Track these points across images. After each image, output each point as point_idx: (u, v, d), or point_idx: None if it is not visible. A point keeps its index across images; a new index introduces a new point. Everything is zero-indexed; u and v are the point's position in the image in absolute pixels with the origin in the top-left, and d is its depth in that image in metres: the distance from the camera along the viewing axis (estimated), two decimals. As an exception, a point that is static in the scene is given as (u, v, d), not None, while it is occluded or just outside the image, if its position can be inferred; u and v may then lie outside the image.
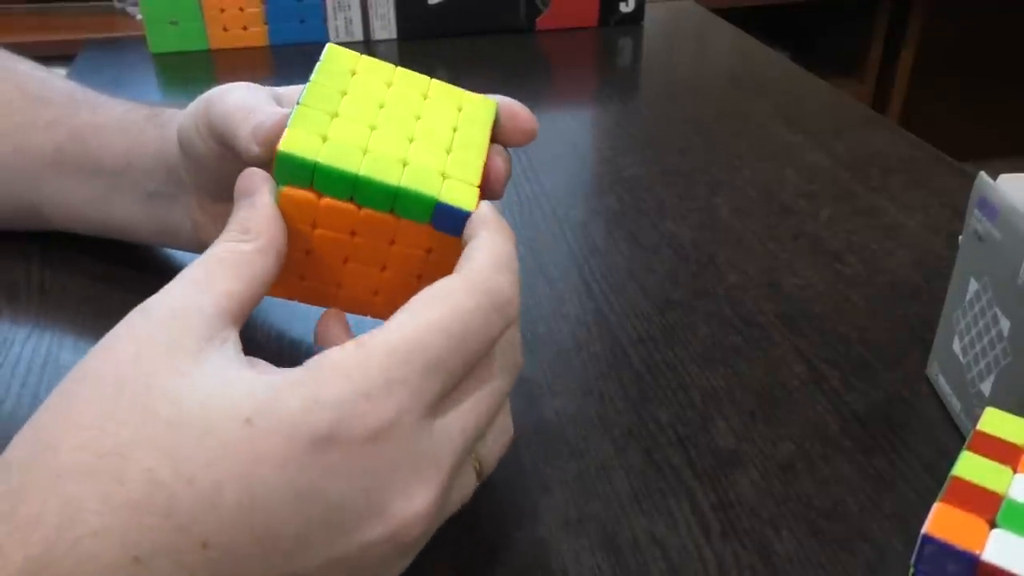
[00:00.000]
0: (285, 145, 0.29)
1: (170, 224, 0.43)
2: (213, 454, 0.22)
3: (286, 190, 0.29)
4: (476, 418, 0.26)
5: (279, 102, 0.34)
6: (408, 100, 0.32)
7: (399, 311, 0.25)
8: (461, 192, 0.30)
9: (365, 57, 0.33)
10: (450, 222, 0.30)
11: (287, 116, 0.30)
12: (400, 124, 0.31)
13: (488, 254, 0.27)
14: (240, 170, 0.36)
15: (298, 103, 0.30)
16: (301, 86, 0.34)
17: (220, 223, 0.40)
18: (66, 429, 0.23)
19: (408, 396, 0.24)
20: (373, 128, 0.30)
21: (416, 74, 0.33)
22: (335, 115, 0.30)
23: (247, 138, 0.31)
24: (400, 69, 0.33)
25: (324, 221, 0.30)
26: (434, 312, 0.25)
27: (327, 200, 0.29)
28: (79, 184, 0.45)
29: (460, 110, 0.33)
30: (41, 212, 0.47)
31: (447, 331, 0.25)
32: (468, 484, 0.28)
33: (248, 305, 0.27)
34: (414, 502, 0.24)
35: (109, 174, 0.44)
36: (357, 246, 0.31)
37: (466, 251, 0.28)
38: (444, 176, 0.30)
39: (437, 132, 0.31)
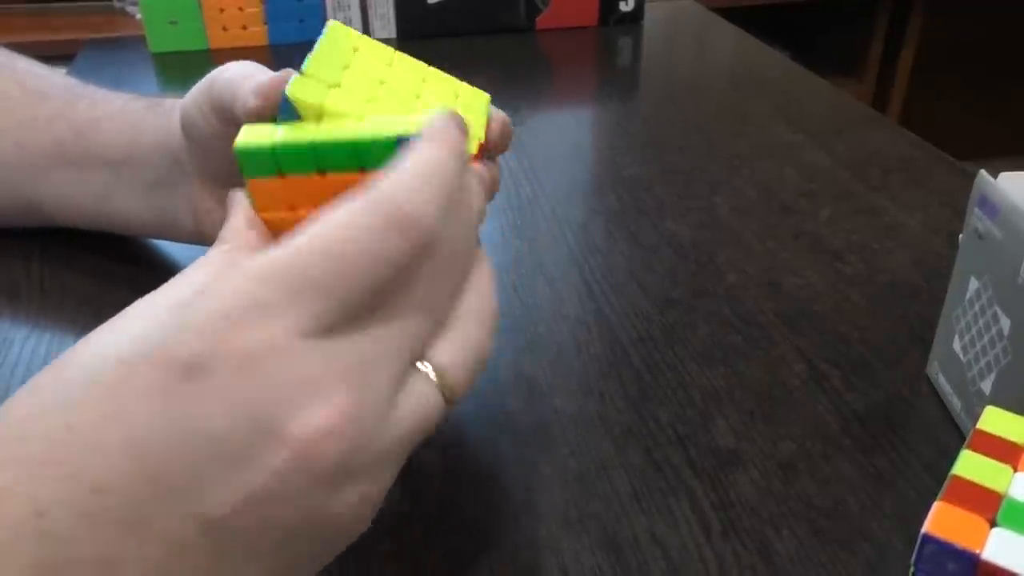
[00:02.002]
0: (242, 138, 0.28)
1: (171, 214, 0.43)
2: (93, 399, 0.22)
3: (252, 182, 0.29)
4: (388, 334, 0.24)
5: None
6: (407, 81, 0.32)
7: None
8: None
9: (366, 37, 0.33)
10: None
11: (286, 74, 0.31)
12: (399, 100, 0.31)
13: (406, 168, 0.25)
14: None
15: (301, 72, 0.30)
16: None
17: (222, 210, 0.41)
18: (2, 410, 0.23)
19: (278, 319, 0.22)
20: (370, 101, 0.31)
21: (415, 60, 0.34)
22: (336, 86, 0.30)
23: (245, 94, 0.32)
24: (399, 53, 0.33)
25: (299, 200, 0.29)
26: (318, 230, 0.23)
27: (292, 177, 0.28)
28: (80, 178, 0.45)
29: (457, 97, 0.33)
30: (42, 208, 0.47)
31: (328, 251, 0.23)
32: (422, 398, 0.25)
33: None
34: (312, 419, 0.22)
35: (110, 166, 0.44)
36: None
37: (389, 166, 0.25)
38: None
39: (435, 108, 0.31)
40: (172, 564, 0.22)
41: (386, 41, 0.36)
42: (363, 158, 0.27)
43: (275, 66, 0.35)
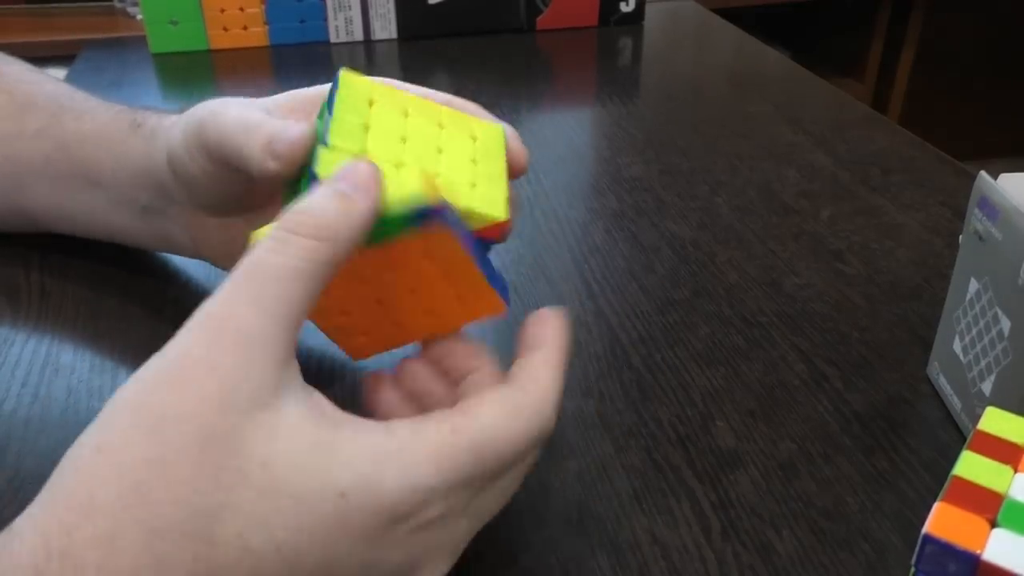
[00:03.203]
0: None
1: (168, 236, 0.43)
2: (304, 523, 0.23)
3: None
4: (486, 514, 0.29)
5: (270, 115, 0.33)
6: (427, 133, 0.31)
7: (481, 403, 0.27)
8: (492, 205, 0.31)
9: (378, 84, 0.32)
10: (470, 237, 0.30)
11: (304, 131, 0.30)
12: (425, 159, 0.30)
13: (548, 388, 0.29)
14: (239, 186, 0.36)
15: (324, 143, 0.29)
16: (287, 94, 0.34)
17: (217, 236, 0.40)
18: (159, 480, 0.22)
19: (466, 495, 0.26)
20: (399, 166, 0.30)
21: (429, 102, 0.33)
22: (363, 152, 0.29)
23: (261, 154, 0.31)
24: (413, 97, 0.32)
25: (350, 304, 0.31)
26: (499, 428, 0.27)
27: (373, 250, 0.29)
28: (74, 194, 0.44)
29: (475, 140, 0.32)
30: (36, 218, 0.47)
31: (504, 452, 0.27)
32: None
33: (304, 312, 0.26)
34: (435, 573, 0.27)
35: (100, 186, 0.43)
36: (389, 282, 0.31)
37: (531, 365, 0.29)
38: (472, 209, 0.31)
39: (460, 165, 0.31)
40: None
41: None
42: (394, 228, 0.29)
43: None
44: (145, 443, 0.23)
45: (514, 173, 0.33)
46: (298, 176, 0.31)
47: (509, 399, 0.28)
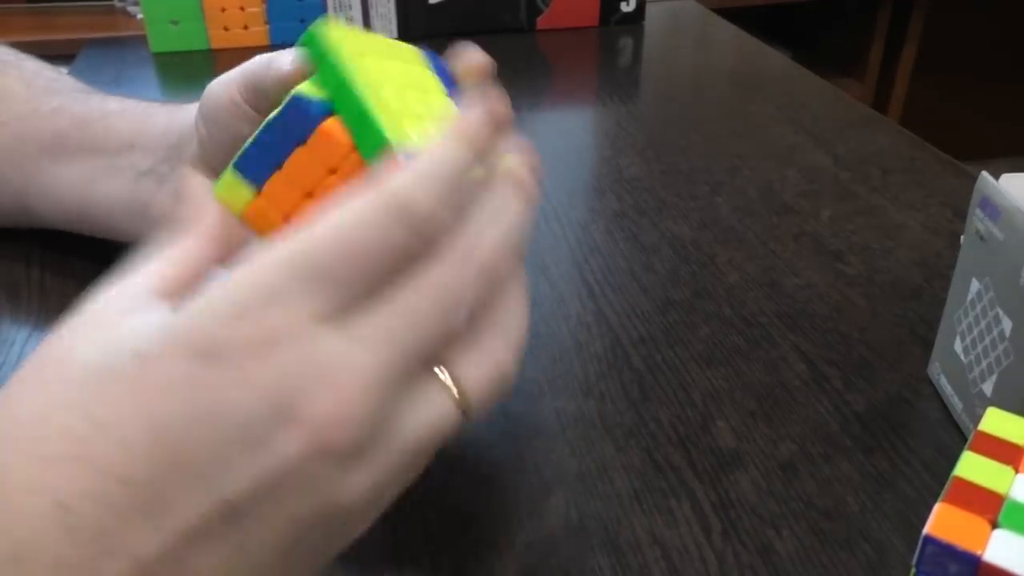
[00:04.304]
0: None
1: (151, 207, 0.43)
2: (113, 394, 0.23)
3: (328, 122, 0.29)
4: (402, 323, 0.24)
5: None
6: (407, 75, 0.32)
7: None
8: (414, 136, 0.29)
9: (348, 32, 0.31)
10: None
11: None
12: (423, 105, 0.31)
13: (414, 164, 0.25)
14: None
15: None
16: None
17: None
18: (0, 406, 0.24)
19: (292, 305, 0.23)
20: (420, 118, 0.30)
21: (379, 38, 0.33)
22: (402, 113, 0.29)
23: (281, 60, 0.33)
24: (371, 36, 0.32)
25: (343, 168, 0.29)
26: (324, 220, 0.24)
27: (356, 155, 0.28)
28: (69, 168, 0.45)
29: (424, 68, 0.33)
30: (27, 202, 0.47)
31: (334, 239, 0.24)
32: (435, 403, 0.25)
33: (181, 282, 0.26)
34: (325, 404, 0.23)
35: (106, 155, 0.44)
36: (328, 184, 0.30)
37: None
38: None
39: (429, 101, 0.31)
40: (196, 556, 0.22)
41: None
42: (363, 136, 0.28)
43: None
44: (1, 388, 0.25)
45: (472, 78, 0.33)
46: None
47: (333, 203, 0.25)
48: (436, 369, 0.26)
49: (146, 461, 0.22)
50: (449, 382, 0.26)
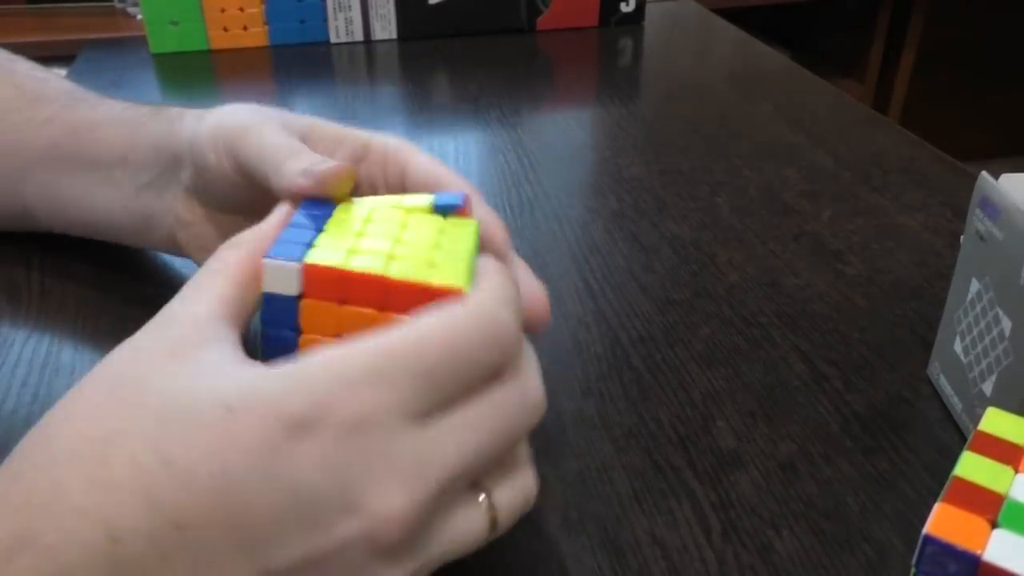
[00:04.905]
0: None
1: (151, 219, 0.43)
2: (192, 439, 0.22)
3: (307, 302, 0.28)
4: (472, 438, 0.25)
5: (304, 139, 0.34)
6: (390, 226, 0.30)
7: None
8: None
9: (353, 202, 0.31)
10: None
11: (338, 167, 0.30)
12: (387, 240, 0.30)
13: (491, 288, 0.27)
14: (249, 192, 0.36)
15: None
16: (308, 121, 0.34)
17: (200, 225, 0.41)
18: (62, 420, 0.24)
19: (390, 394, 0.23)
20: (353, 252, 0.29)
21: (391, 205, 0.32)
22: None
23: (295, 172, 0.31)
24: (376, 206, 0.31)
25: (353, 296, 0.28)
26: (431, 323, 0.25)
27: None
28: (69, 179, 0.44)
29: (442, 231, 0.31)
30: (27, 210, 0.47)
31: (441, 342, 0.24)
32: (472, 522, 0.26)
33: (244, 306, 0.27)
34: (391, 502, 0.23)
35: (103, 167, 0.43)
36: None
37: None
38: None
39: (420, 247, 0.30)
40: None
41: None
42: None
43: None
44: (60, 402, 0.25)
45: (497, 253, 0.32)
46: None
47: (428, 309, 0.25)
48: (481, 493, 0.26)
49: (207, 512, 0.22)
50: (485, 507, 0.27)
